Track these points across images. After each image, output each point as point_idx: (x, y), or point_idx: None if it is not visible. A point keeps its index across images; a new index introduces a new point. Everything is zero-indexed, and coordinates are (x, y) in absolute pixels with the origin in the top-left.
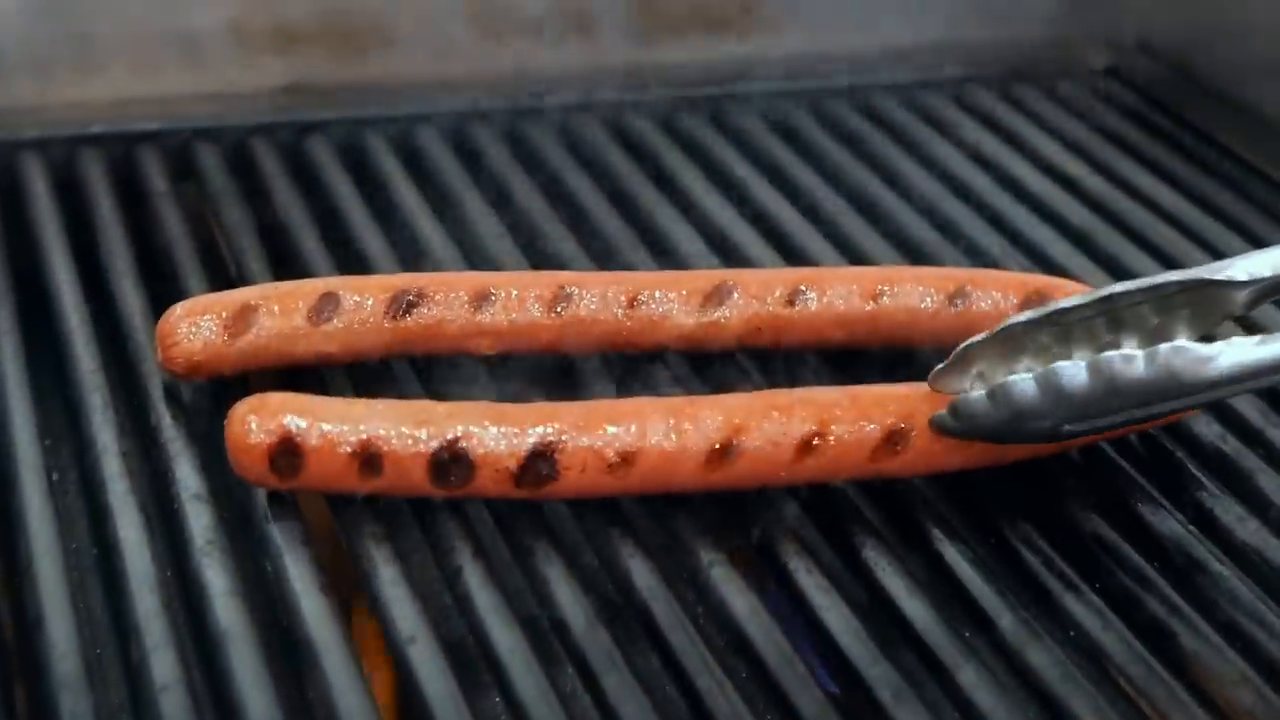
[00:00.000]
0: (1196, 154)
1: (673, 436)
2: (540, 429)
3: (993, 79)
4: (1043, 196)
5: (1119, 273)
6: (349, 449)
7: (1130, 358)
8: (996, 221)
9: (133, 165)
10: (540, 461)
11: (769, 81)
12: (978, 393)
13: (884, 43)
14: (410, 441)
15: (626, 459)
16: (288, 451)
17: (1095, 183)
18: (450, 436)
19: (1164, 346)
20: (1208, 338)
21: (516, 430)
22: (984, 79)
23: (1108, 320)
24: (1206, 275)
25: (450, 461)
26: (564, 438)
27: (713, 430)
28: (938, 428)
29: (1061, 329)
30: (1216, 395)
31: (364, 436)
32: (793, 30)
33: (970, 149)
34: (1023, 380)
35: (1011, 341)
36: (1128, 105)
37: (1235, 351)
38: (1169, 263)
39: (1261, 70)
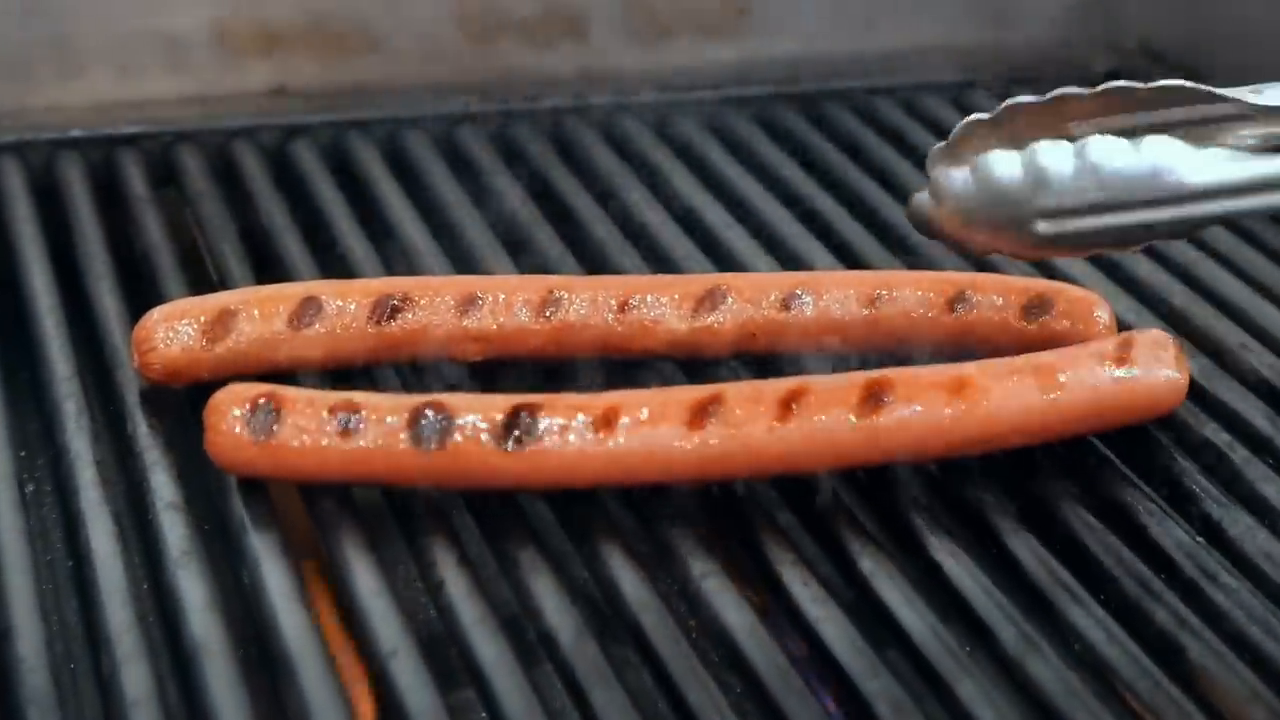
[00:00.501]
0: None
1: (655, 398)
2: (519, 393)
3: (993, 83)
4: None
5: (1122, 279)
6: (327, 406)
7: (1117, 145)
8: None
9: (113, 169)
10: (523, 416)
11: (764, 85)
12: (960, 169)
13: (881, 46)
14: (389, 403)
15: (609, 415)
16: (264, 409)
17: None
18: (429, 398)
19: (1155, 139)
20: None
21: (496, 396)
22: (984, 83)
23: (1113, 124)
24: (1225, 93)
25: (431, 418)
26: (545, 401)
27: (694, 390)
28: (912, 211)
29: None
30: (1205, 211)
31: (343, 397)
32: (788, 33)
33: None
34: (1006, 156)
35: (1012, 125)
36: None
37: (1229, 160)
38: (1176, 270)
39: (1266, 74)
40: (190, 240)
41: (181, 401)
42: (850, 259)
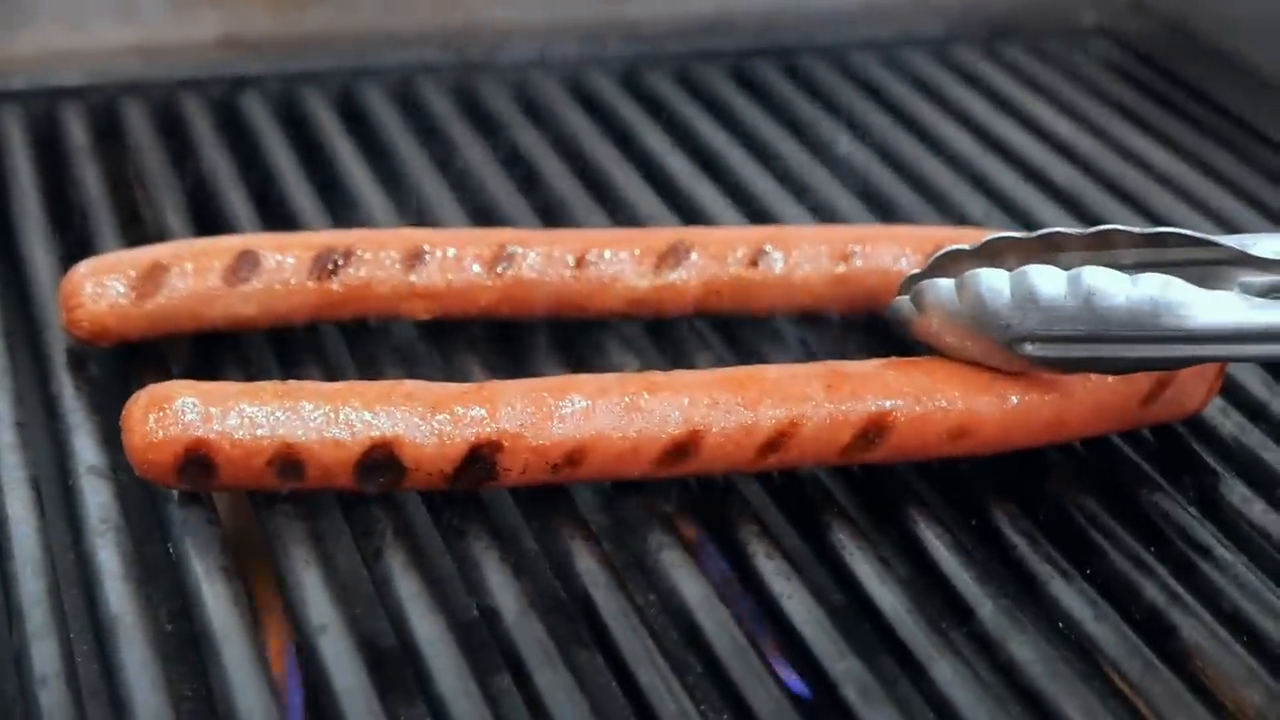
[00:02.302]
0: (1192, 114)
1: (626, 433)
2: (477, 428)
3: (976, 37)
4: (1029, 157)
5: None
6: (265, 456)
7: (1114, 277)
8: (980, 182)
9: (54, 122)
10: (478, 463)
11: (739, 37)
12: (946, 280)
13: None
14: (333, 446)
15: (573, 458)
16: (197, 461)
17: (1085, 143)
18: (378, 436)
19: (1153, 277)
20: None
21: (450, 423)
22: (967, 37)
23: (1103, 261)
24: (1222, 241)
25: (378, 464)
26: (503, 439)
27: (671, 424)
28: (895, 315)
29: (1049, 256)
30: (1196, 352)
31: (281, 440)
32: None
33: (952, 107)
34: (995, 274)
35: (996, 258)
36: (1119, 64)
37: (1229, 305)
38: (1164, 225)
39: (1259, 28)
40: (132, 196)
41: (110, 362)
42: (826, 217)
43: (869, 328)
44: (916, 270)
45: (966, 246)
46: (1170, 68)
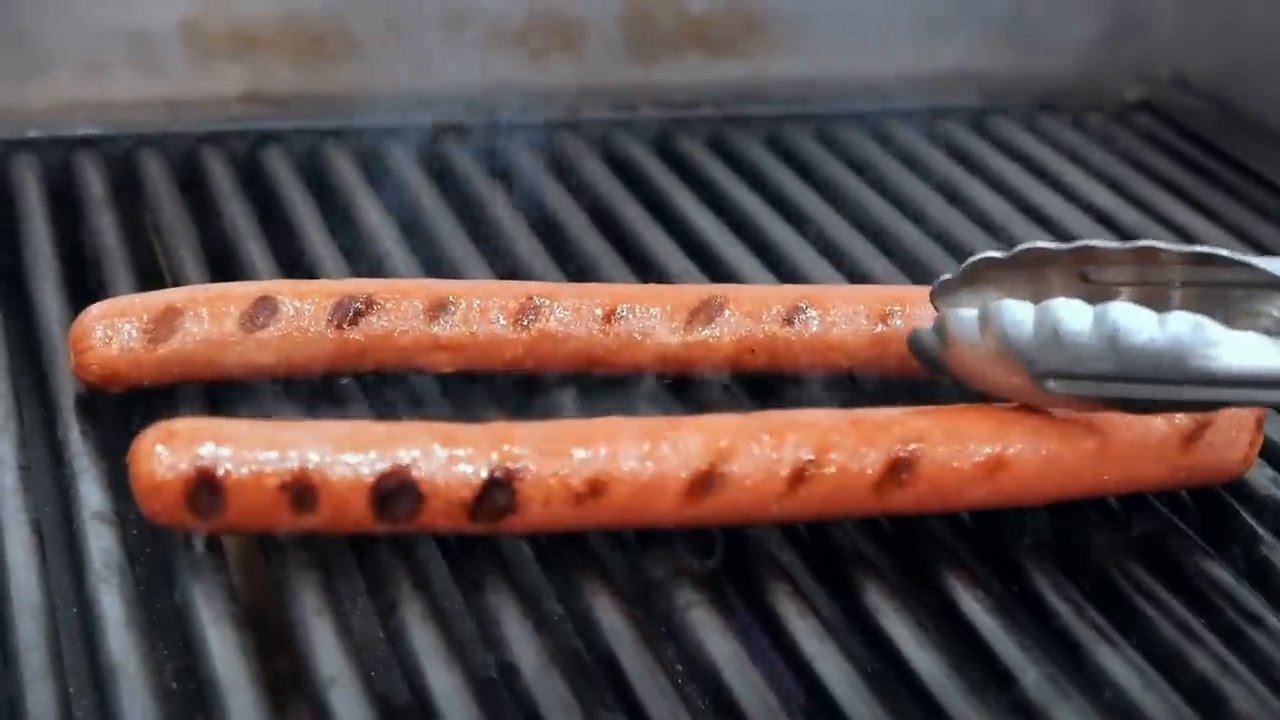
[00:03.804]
0: (1235, 187)
1: (648, 463)
2: (498, 453)
3: (1016, 110)
4: (1072, 229)
5: None
6: (277, 481)
7: (1141, 316)
8: None
9: (70, 172)
10: (498, 491)
11: (773, 104)
12: (969, 311)
13: (899, 68)
14: (348, 470)
15: (596, 488)
16: (206, 488)
17: (1129, 216)
18: (394, 463)
19: (1182, 315)
20: None
21: (470, 453)
22: (1007, 109)
23: (1138, 277)
24: (1262, 264)
25: (395, 492)
26: (525, 464)
27: (695, 455)
28: (915, 344)
29: (1086, 279)
30: (1225, 396)
31: (294, 466)
32: (799, 52)
33: (992, 178)
34: (1019, 307)
35: (1030, 269)
36: (1162, 139)
37: (1259, 349)
38: None
39: None
40: (149, 249)
41: (119, 407)
42: (859, 281)
43: (912, 390)
44: (948, 275)
45: (1000, 255)
46: (1213, 141)
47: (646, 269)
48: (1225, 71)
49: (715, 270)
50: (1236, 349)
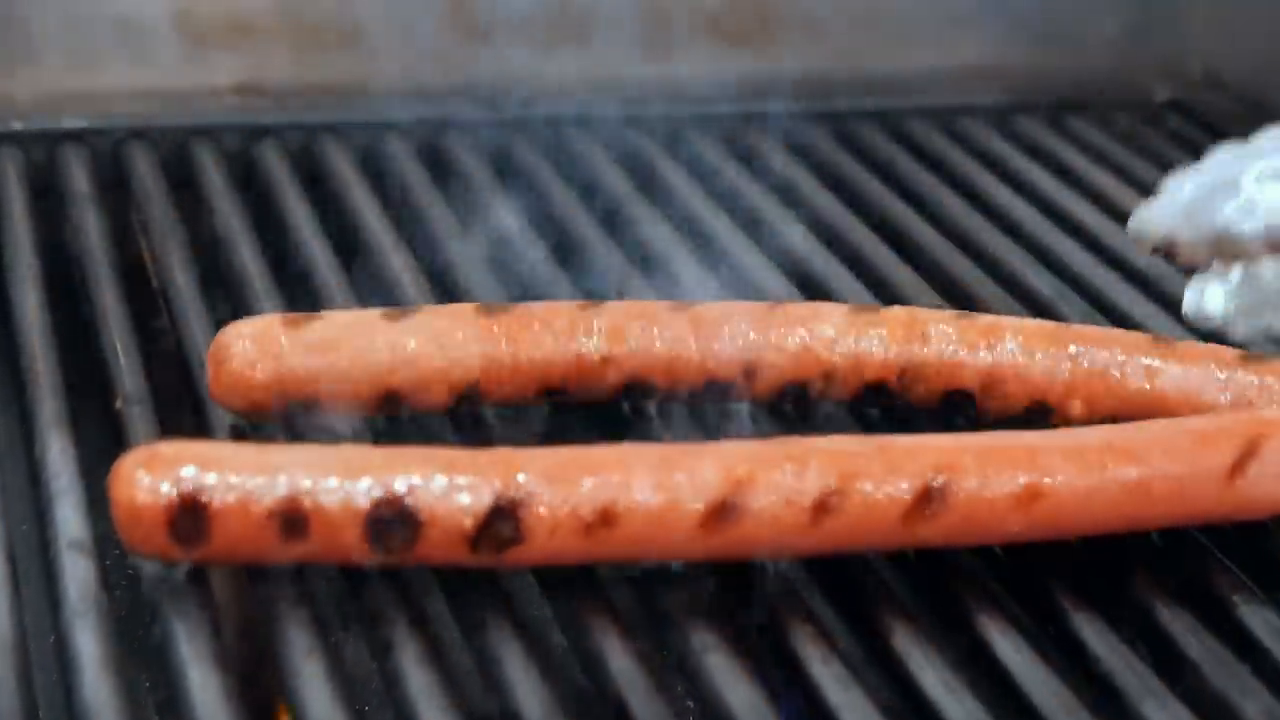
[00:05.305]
0: None
1: (662, 492)
2: (501, 481)
3: (1041, 108)
4: (1100, 234)
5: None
6: (266, 509)
7: None
8: (1046, 259)
9: (55, 166)
10: (501, 521)
11: (789, 101)
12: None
13: (920, 65)
14: (341, 497)
15: (607, 518)
16: (190, 515)
17: None
18: (390, 490)
19: None
20: None
21: (472, 480)
22: (1031, 108)
23: None
24: None
25: (391, 521)
26: (531, 492)
27: (712, 481)
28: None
29: None
30: None
31: (284, 492)
32: (816, 47)
33: (1014, 178)
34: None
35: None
36: (1193, 140)
37: None
38: None
39: None
40: (135, 247)
41: (101, 423)
42: (885, 292)
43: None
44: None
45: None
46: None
47: (659, 275)
48: (1260, 70)
49: (729, 278)
50: None
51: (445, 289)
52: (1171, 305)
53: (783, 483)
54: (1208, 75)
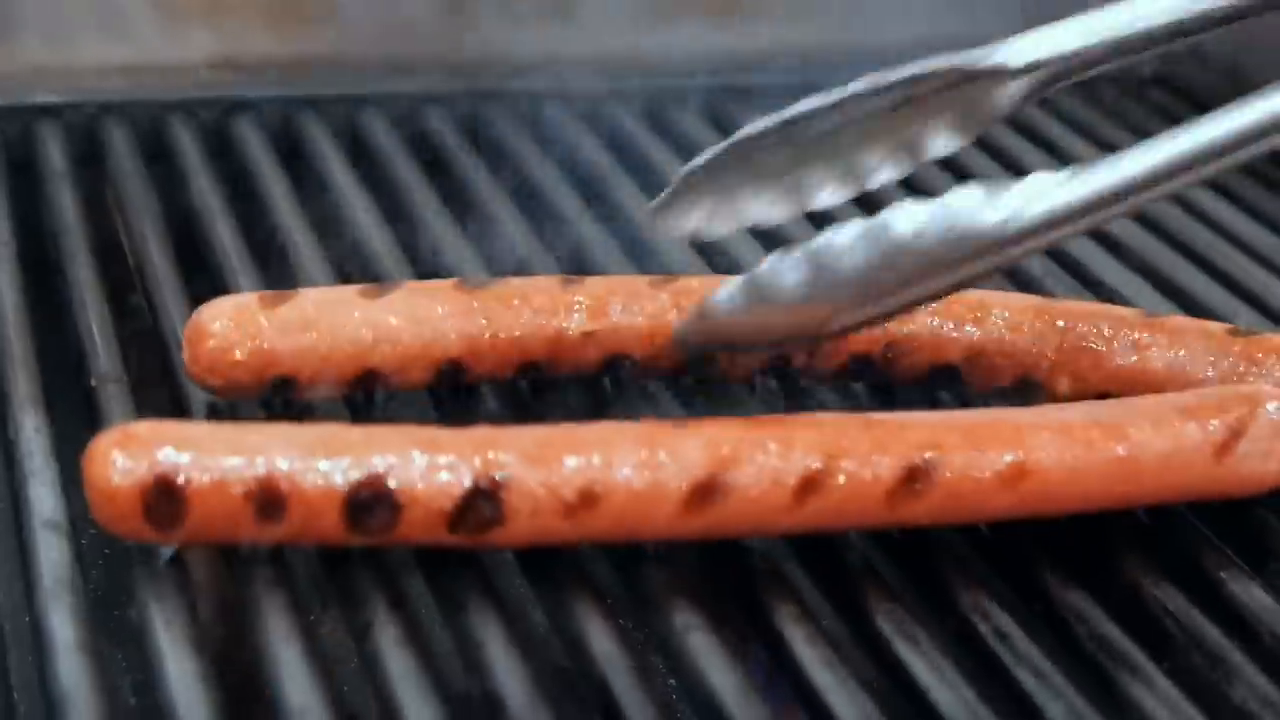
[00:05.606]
0: (1250, 164)
1: (645, 471)
2: (482, 460)
3: None
4: None
5: (1173, 294)
6: (242, 489)
7: (912, 217)
8: None
9: (30, 142)
10: (482, 501)
11: (774, 74)
12: (728, 289)
13: (903, 37)
14: (319, 478)
15: (588, 498)
16: (165, 496)
17: None
18: (369, 470)
19: (949, 200)
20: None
21: (452, 460)
22: None
23: (853, 131)
24: (966, 64)
25: (370, 502)
26: (511, 472)
27: (697, 459)
28: (681, 338)
29: (798, 147)
30: (1021, 251)
31: (261, 473)
32: (799, 21)
33: (1001, 153)
34: (784, 266)
35: (743, 162)
36: (1176, 113)
37: (1039, 195)
38: (1231, 285)
39: None
40: (110, 224)
41: (76, 402)
42: None
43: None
44: (664, 194)
45: (706, 156)
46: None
47: (639, 250)
48: (1241, 45)
49: (709, 253)
50: (1023, 205)
51: (424, 264)
52: (1160, 281)
53: (768, 462)
54: (1191, 50)
